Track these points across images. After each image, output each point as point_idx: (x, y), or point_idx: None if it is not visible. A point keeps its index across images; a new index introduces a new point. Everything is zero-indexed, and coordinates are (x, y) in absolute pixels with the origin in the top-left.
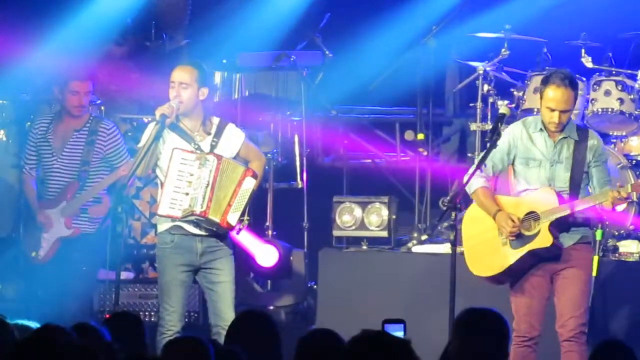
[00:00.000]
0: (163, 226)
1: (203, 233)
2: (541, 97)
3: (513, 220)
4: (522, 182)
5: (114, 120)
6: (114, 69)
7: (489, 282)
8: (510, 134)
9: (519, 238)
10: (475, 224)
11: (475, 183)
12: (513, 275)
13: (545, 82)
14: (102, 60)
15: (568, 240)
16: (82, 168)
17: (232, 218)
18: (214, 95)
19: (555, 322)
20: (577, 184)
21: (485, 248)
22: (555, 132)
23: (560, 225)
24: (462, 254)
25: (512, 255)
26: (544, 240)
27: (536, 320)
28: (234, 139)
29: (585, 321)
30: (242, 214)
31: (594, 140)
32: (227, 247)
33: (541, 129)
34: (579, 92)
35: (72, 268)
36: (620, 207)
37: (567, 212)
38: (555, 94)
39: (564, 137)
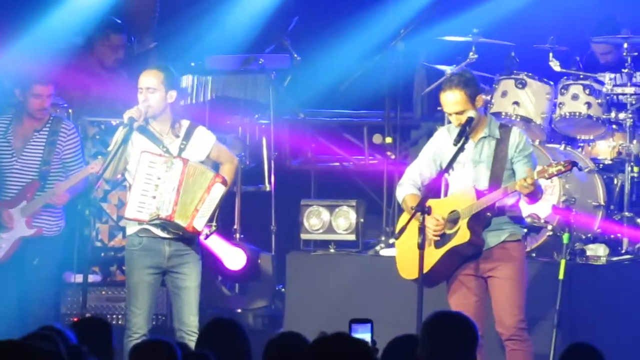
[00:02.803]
0: (131, 229)
1: (171, 236)
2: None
3: (437, 220)
4: (451, 185)
5: (81, 124)
6: (81, 70)
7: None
8: (435, 140)
9: (442, 238)
10: (406, 231)
11: (402, 192)
12: (439, 275)
13: (439, 91)
14: (69, 62)
15: (494, 238)
16: (42, 168)
17: (199, 223)
18: (185, 98)
19: (495, 323)
20: (497, 182)
21: (412, 251)
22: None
23: (483, 223)
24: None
25: (436, 255)
26: (462, 236)
27: (477, 321)
28: (203, 141)
29: (523, 317)
30: (211, 220)
31: (515, 136)
32: (195, 252)
33: None
34: (547, 95)
35: (33, 271)
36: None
37: (483, 205)
38: (444, 99)
39: (484, 137)
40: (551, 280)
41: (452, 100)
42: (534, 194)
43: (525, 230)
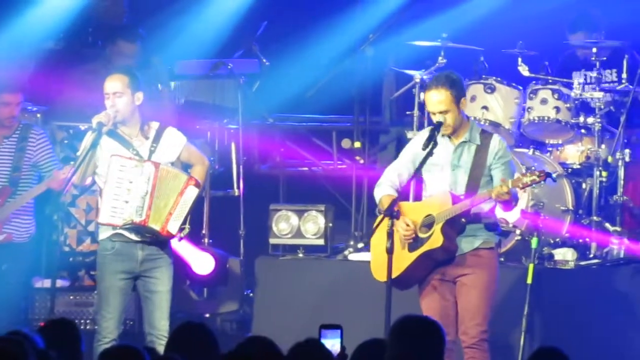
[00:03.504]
0: (104, 233)
1: (144, 240)
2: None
3: (408, 225)
4: (428, 188)
5: (50, 128)
6: (51, 76)
7: (394, 287)
8: (416, 141)
9: (416, 241)
10: (380, 233)
11: (379, 192)
12: (412, 279)
13: (424, 90)
14: (39, 66)
15: (467, 245)
16: (13, 174)
17: (173, 226)
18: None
19: (457, 329)
20: (474, 187)
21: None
22: (447, 135)
23: (457, 228)
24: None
25: (408, 259)
26: (435, 241)
27: (447, 325)
28: (173, 142)
29: (486, 328)
30: (183, 223)
31: (495, 143)
32: (167, 256)
33: (443, 135)
34: (516, 100)
35: (1, 276)
36: (512, 215)
37: (458, 211)
38: (429, 97)
39: (464, 142)
40: (519, 285)
41: (437, 99)
42: (509, 202)
43: (499, 238)
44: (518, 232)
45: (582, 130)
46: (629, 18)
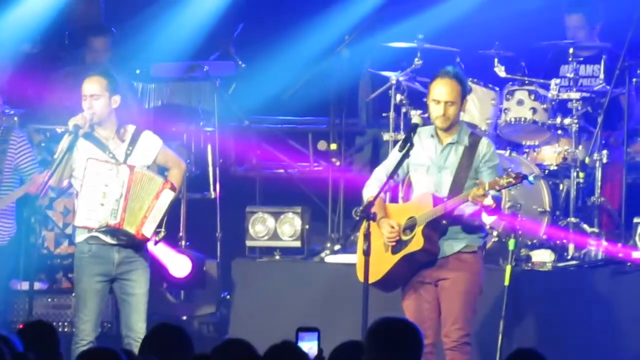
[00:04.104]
0: (81, 236)
1: (120, 243)
2: (429, 95)
3: (392, 227)
4: (415, 189)
5: (27, 131)
6: (28, 78)
7: (378, 289)
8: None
9: (399, 244)
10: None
11: (367, 192)
12: (395, 281)
13: (432, 79)
14: (16, 69)
15: (450, 247)
16: None
17: (148, 230)
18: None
19: (439, 332)
20: (458, 190)
21: (372, 256)
22: (443, 128)
23: (439, 230)
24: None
25: (391, 261)
26: (416, 243)
27: (428, 327)
28: (149, 146)
29: (468, 332)
30: (159, 226)
31: (483, 146)
32: (143, 259)
33: (432, 135)
34: (492, 101)
35: None
36: (488, 217)
37: (438, 213)
38: (438, 86)
39: (452, 143)
40: (497, 287)
41: (448, 88)
42: (496, 209)
43: (484, 241)
44: (495, 233)
45: (559, 132)
46: (610, 18)
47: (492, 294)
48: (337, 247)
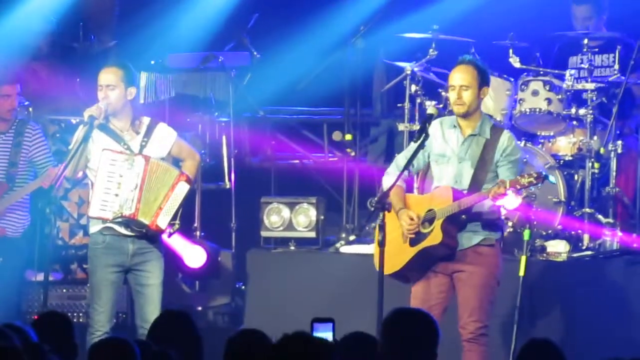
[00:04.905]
0: (95, 227)
1: (134, 234)
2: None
3: (412, 218)
4: (434, 179)
5: (42, 122)
6: (42, 69)
7: (395, 280)
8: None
9: (417, 236)
10: (387, 224)
11: (387, 181)
12: (413, 273)
13: (451, 70)
14: (30, 61)
15: (468, 240)
16: (10, 170)
17: (162, 221)
18: (146, 96)
19: (458, 322)
20: (478, 182)
21: (390, 247)
22: (460, 114)
23: (458, 225)
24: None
25: (409, 253)
26: (435, 237)
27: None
28: (164, 138)
29: (485, 323)
30: (174, 218)
31: (504, 139)
32: (157, 250)
33: (454, 126)
34: (507, 92)
35: None
36: (511, 204)
37: (457, 208)
38: (454, 72)
39: (473, 135)
40: (512, 277)
41: (461, 74)
42: (509, 204)
43: (502, 234)
44: (510, 224)
45: (574, 122)
46: (622, 9)
47: (507, 284)
48: (352, 237)
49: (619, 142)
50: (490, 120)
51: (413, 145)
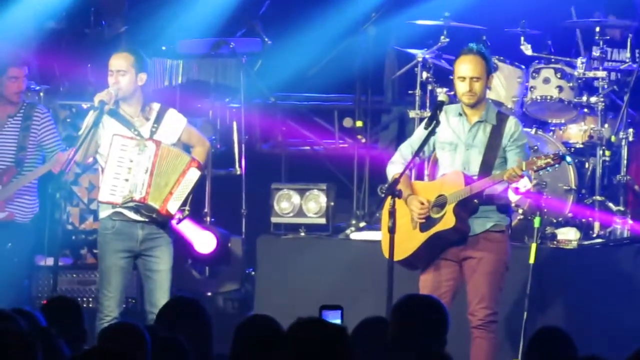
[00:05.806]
0: (104, 212)
1: (144, 219)
2: (454, 73)
3: (422, 203)
4: (441, 167)
5: (53, 107)
6: (54, 54)
7: (404, 267)
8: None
9: (428, 221)
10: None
11: (392, 170)
12: (423, 259)
13: (456, 57)
14: (41, 45)
15: (479, 226)
16: (18, 154)
17: (172, 206)
18: (157, 82)
19: (467, 308)
20: (488, 168)
21: (399, 233)
22: (470, 104)
23: (470, 209)
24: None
25: (419, 239)
26: (447, 222)
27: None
28: (174, 124)
29: (494, 310)
30: (184, 204)
31: (511, 125)
32: (167, 236)
33: (460, 114)
34: (518, 79)
35: (5, 255)
36: (523, 186)
37: (469, 192)
38: (463, 63)
39: (480, 121)
40: (522, 264)
41: (471, 65)
42: (524, 187)
43: (510, 220)
44: (521, 211)
45: (585, 110)
46: None
47: (517, 272)
48: (362, 224)
49: (630, 130)
50: (495, 107)
51: (419, 133)
